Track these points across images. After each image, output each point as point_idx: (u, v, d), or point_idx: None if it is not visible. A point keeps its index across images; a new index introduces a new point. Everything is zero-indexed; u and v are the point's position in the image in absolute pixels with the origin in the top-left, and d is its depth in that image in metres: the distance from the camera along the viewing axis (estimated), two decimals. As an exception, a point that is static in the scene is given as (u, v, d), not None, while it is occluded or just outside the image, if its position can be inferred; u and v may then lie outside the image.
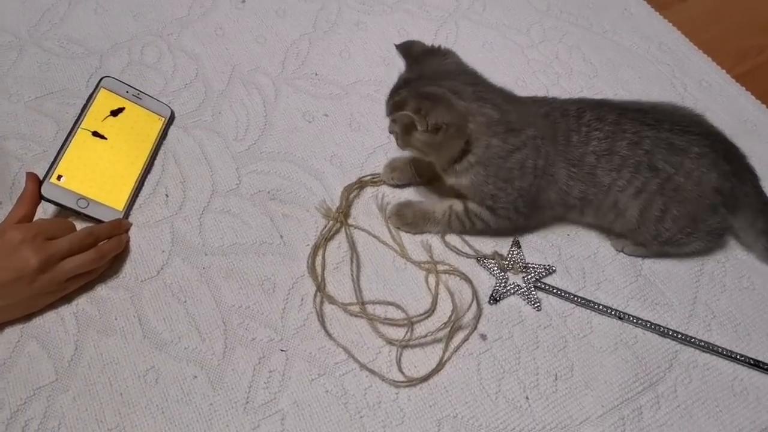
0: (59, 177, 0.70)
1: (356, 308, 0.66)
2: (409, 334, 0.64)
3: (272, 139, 0.79)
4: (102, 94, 0.77)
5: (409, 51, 0.67)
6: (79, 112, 0.75)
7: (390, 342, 0.64)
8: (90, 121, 0.75)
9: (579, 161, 0.64)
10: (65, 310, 0.65)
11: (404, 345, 0.64)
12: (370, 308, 0.66)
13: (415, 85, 0.63)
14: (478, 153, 0.63)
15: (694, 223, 0.65)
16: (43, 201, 0.68)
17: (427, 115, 0.59)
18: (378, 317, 0.65)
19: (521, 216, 0.67)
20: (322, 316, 0.65)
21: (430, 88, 0.62)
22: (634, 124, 0.64)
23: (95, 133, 0.74)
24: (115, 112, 0.76)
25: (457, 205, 0.69)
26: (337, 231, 0.71)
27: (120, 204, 0.71)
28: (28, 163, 0.75)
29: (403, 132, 0.64)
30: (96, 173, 0.72)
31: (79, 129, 0.73)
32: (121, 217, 0.70)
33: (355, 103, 0.82)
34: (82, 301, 0.66)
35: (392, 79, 0.66)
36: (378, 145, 0.78)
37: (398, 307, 0.66)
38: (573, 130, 0.64)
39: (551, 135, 0.64)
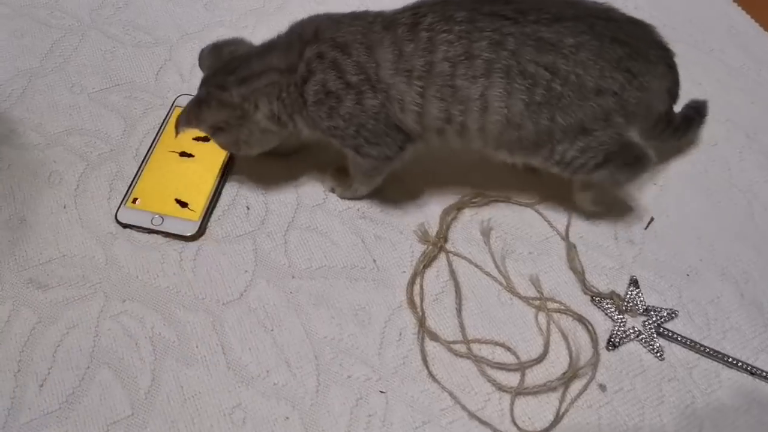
0: (135, 200, 0.64)
1: (462, 348, 0.60)
2: (521, 380, 0.58)
3: (359, 150, 0.72)
4: (177, 112, 0.71)
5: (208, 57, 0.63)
6: (155, 134, 0.70)
7: (502, 389, 0.57)
8: (168, 143, 0.69)
9: (426, 72, 0.54)
10: (139, 333, 0.58)
11: (518, 393, 0.57)
12: (475, 348, 0.60)
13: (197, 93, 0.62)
14: (281, 107, 0.60)
15: (586, 137, 0.56)
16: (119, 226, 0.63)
17: (199, 123, 0.61)
18: (487, 360, 0.59)
19: (385, 147, 0.60)
20: (425, 355, 0.59)
21: (196, 95, 0.61)
22: (492, 20, 0.54)
23: (183, 153, 0.69)
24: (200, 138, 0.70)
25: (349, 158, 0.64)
26: (435, 258, 0.65)
27: (196, 215, 0.65)
28: (94, 163, 0.68)
29: (217, 140, 0.64)
30: (171, 188, 0.66)
31: (156, 150, 0.69)
32: (196, 229, 0.64)
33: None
34: (159, 324, 0.59)
35: None
36: (476, 162, 0.72)
37: (507, 348, 0.60)
38: (406, 39, 0.55)
39: (367, 47, 0.56)
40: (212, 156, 0.68)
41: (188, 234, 0.63)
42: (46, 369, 0.56)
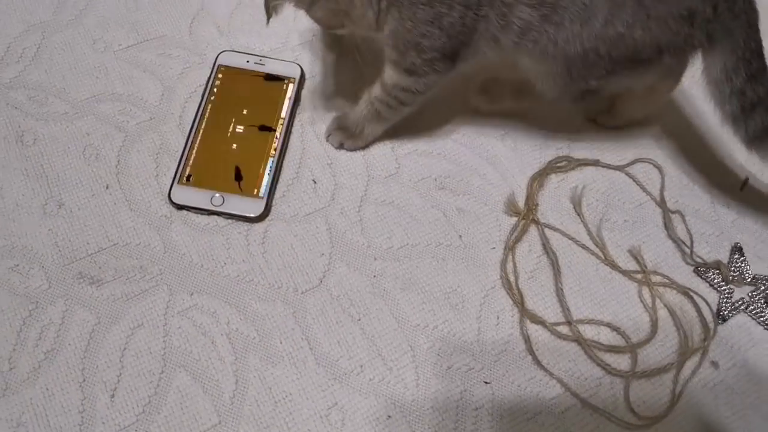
0: (188, 177, 0.57)
1: (565, 329, 0.55)
2: (633, 363, 0.54)
3: (429, 111, 0.64)
4: (221, 73, 0.62)
5: None
6: (200, 99, 0.61)
7: (613, 373, 0.54)
8: (218, 109, 0.61)
9: None
10: (214, 330, 0.52)
11: (632, 377, 0.54)
12: (580, 329, 0.55)
13: None
14: None
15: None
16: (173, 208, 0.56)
17: None
18: (596, 343, 0.54)
19: (448, 66, 0.54)
20: (528, 339, 0.54)
21: None
22: None
23: (237, 121, 0.61)
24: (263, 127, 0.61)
25: (375, 89, 0.58)
26: (525, 231, 0.59)
27: (259, 192, 0.57)
28: (133, 134, 0.60)
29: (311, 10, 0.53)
30: (228, 163, 0.58)
31: (206, 119, 0.61)
32: (263, 208, 0.57)
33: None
34: (235, 319, 0.53)
35: None
36: (557, 125, 0.65)
37: (613, 328, 0.56)
38: None
39: None
40: (268, 123, 0.60)
41: (255, 215, 0.56)
42: (115, 376, 0.50)
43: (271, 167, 0.59)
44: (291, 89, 0.63)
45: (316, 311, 0.54)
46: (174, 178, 0.57)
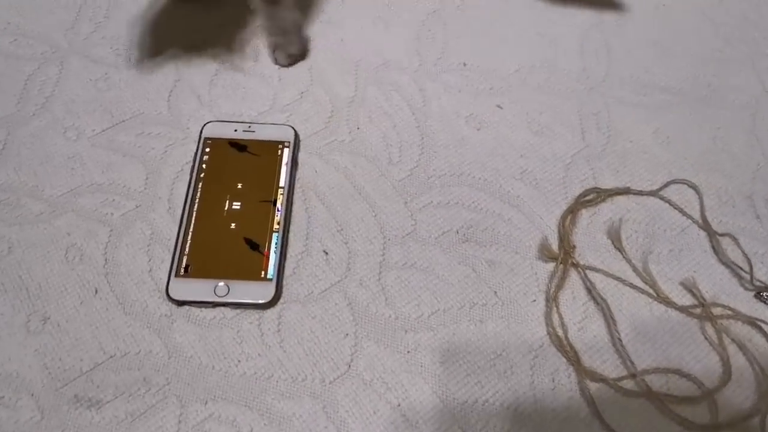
0: (186, 268, 0.50)
1: (630, 383, 0.49)
2: (714, 412, 0.48)
3: (438, 158, 0.59)
4: (208, 146, 0.57)
5: None
6: (189, 178, 0.55)
7: (693, 429, 0.47)
8: (210, 187, 0.55)
9: None
10: (236, 442, 0.46)
11: (716, 431, 0.47)
12: (647, 381, 0.49)
13: None
14: None
15: None
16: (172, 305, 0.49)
17: None
18: (668, 395, 0.48)
19: None
20: (593, 401, 0.48)
21: None
22: None
23: (232, 197, 0.55)
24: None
25: None
26: (566, 277, 0.54)
27: (267, 274, 0.51)
28: (119, 227, 0.54)
29: None
30: (228, 245, 0.52)
31: (198, 199, 0.55)
32: (273, 291, 0.51)
33: (527, 97, 0.64)
34: (258, 425, 0.46)
35: (564, 62, 0.49)
36: (575, 152, 0.61)
37: (683, 375, 0.50)
38: None
39: None
40: (267, 195, 0.55)
41: (265, 300, 0.50)
42: None
43: (276, 243, 0.53)
44: (287, 154, 0.57)
45: (348, 402, 0.47)
46: (170, 271, 0.51)
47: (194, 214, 0.53)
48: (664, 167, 0.60)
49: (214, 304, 0.50)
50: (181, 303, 0.50)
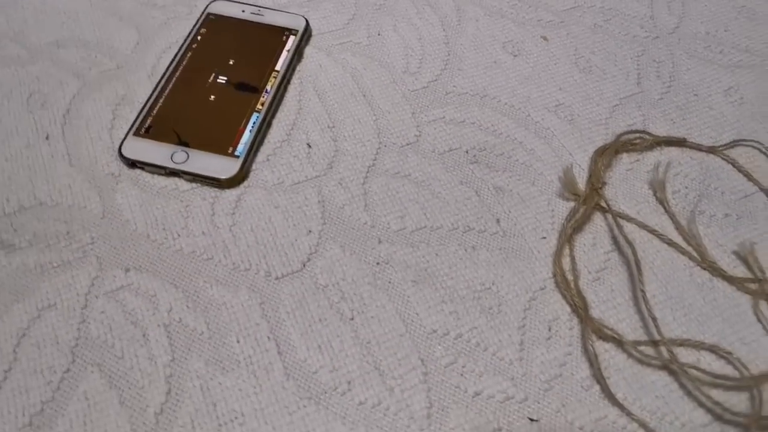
0: (148, 129, 0.44)
1: (649, 350, 0.38)
2: (758, 403, 0.36)
3: (462, 76, 0.51)
4: (209, 22, 0.51)
5: None
6: (179, 47, 0.50)
7: (725, 419, 0.36)
8: (198, 59, 0.49)
9: None
10: (149, 319, 0.38)
11: (757, 424, 0.36)
12: (673, 351, 0.38)
13: None
14: None
15: None
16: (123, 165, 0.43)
17: None
18: (700, 370, 0.37)
19: None
20: (597, 362, 0.37)
21: None
22: None
23: (218, 74, 0.48)
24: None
25: None
26: (589, 218, 0.44)
27: (235, 151, 0.44)
28: (92, 81, 0.48)
29: None
30: (200, 115, 0.46)
31: (182, 68, 0.49)
32: (237, 169, 0.43)
33: (579, 35, 0.55)
34: (179, 306, 0.38)
35: (630, 7, 0.43)
36: (625, 95, 0.51)
37: (722, 354, 0.38)
38: None
39: None
40: (258, 75, 0.48)
41: (225, 177, 0.43)
42: (2, 371, 0.36)
43: (254, 123, 0.46)
44: (291, 41, 0.51)
45: (292, 303, 0.39)
46: (129, 129, 0.45)
47: (173, 81, 0.48)
48: (731, 126, 0.49)
49: (168, 171, 0.43)
50: (132, 163, 0.44)
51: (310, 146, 0.46)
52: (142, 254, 0.40)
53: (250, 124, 0.46)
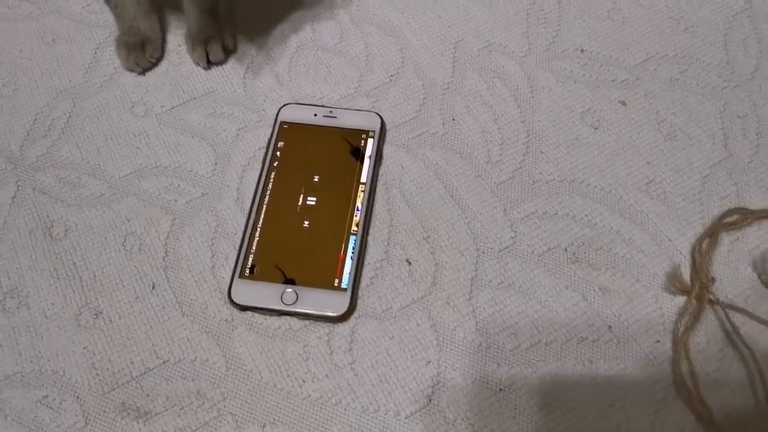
0: (252, 269, 0.45)
1: (780, 459, 0.39)
2: None
3: (545, 160, 0.51)
4: (284, 132, 0.50)
5: None
6: (260, 166, 0.50)
7: None
8: (284, 178, 0.49)
9: None
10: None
11: None
12: (799, 456, 0.40)
13: None
14: None
15: None
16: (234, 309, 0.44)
17: None
18: (832, 480, 0.38)
19: None
20: (730, 477, 0.39)
21: None
22: None
23: (307, 191, 0.48)
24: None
25: None
26: (698, 315, 0.44)
27: (342, 283, 0.45)
28: (182, 215, 0.48)
29: None
30: (300, 246, 0.46)
31: (270, 192, 0.49)
32: (348, 304, 0.44)
33: (657, 93, 0.54)
34: (321, 461, 0.40)
35: (704, 53, 0.42)
36: (714, 162, 0.50)
37: None
38: None
39: None
40: (346, 191, 0.48)
41: (338, 314, 0.44)
42: None
43: (354, 248, 0.46)
44: (371, 145, 0.50)
45: (427, 445, 0.40)
46: (234, 270, 0.45)
47: (264, 208, 0.47)
48: (828, 187, 0.49)
49: (280, 313, 0.44)
50: (244, 308, 0.44)
51: (410, 263, 0.47)
52: (273, 406, 0.41)
53: (350, 250, 0.46)
